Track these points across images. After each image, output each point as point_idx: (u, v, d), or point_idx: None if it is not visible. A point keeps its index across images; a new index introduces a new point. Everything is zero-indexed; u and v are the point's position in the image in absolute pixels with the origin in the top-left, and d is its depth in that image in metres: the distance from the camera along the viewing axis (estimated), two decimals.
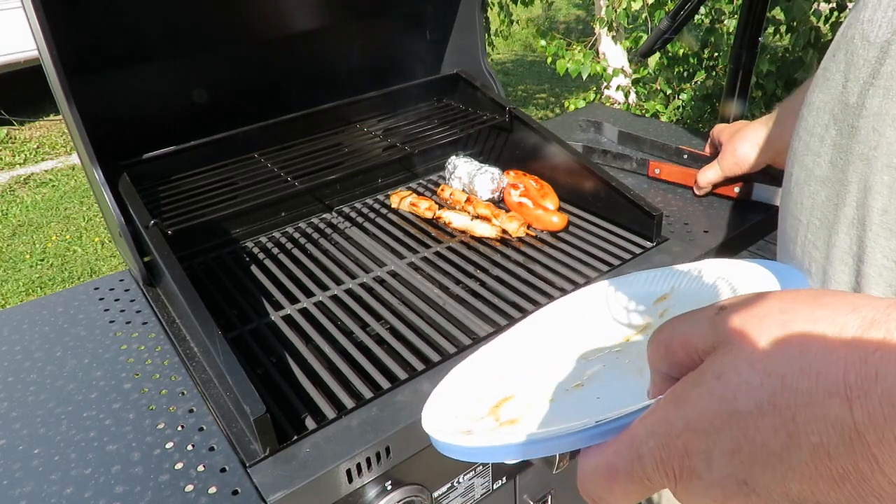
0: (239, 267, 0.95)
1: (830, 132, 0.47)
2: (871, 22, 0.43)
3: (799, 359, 0.25)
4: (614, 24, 3.32)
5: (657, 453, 0.28)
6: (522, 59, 6.43)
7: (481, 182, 1.06)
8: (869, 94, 0.43)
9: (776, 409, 0.24)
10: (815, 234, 0.50)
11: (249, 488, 0.59)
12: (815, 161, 0.49)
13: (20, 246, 3.51)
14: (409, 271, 0.91)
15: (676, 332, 0.29)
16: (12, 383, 0.75)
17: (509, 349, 0.56)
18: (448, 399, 0.51)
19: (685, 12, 1.20)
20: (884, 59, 0.42)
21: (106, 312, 0.87)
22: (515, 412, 0.44)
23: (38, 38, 0.74)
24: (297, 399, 0.69)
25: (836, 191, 0.47)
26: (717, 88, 3.00)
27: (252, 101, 1.05)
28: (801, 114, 0.53)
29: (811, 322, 0.25)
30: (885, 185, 0.42)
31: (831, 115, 0.47)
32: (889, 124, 0.42)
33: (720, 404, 0.26)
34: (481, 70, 1.18)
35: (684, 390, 0.28)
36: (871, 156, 0.43)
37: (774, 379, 0.25)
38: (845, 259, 0.47)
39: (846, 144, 0.45)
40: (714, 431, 0.26)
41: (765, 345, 0.26)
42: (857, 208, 0.45)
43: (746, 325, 0.27)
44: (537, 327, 0.58)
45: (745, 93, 1.35)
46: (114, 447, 0.65)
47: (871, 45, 0.43)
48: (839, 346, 0.24)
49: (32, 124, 5.02)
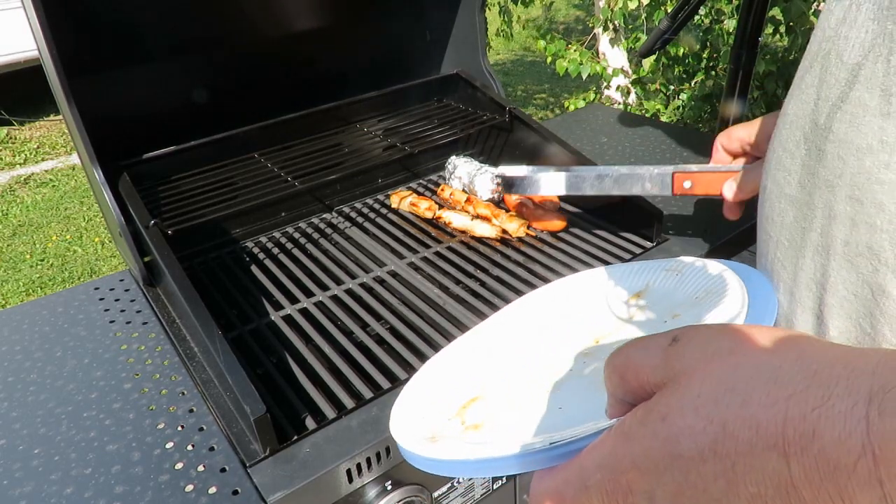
0: (239, 267, 0.95)
1: (801, 150, 0.46)
2: (846, 39, 0.41)
3: (741, 408, 0.25)
4: (610, 23, 3.32)
5: (603, 487, 0.28)
6: (522, 59, 6.43)
7: (481, 182, 1.06)
8: (836, 118, 0.41)
9: (717, 456, 0.25)
10: (784, 254, 0.49)
11: (249, 488, 0.59)
12: (786, 178, 0.48)
13: (20, 246, 3.51)
14: (409, 271, 0.91)
15: (630, 360, 0.30)
16: (12, 383, 0.75)
17: (483, 341, 0.56)
18: (419, 395, 0.51)
19: (685, 12, 1.20)
20: (853, 83, 0.40)
21: (106, 312, 0.87)
22: (481, 416, 0.45)
23: (38, 38, 0.74)
24: (297, 399, 0.69)
25: (804, 213, 0.46)
26: (716, 88, 3.00)
27: (252, 101, 1.05)
28: (778, 123, 0.51)
29: (757, 370, 0.25)
30: (847, 216, 0.41)
31: (802, 132, 0.46)
32: (853, 154, 0.40)
33: (664, 446, 0.26)
34: (481, 70, 1.18)
35: (632, 427, 0.28)
36: (836, 183, 0.42)
37: (717, 426, 0.25)
38: (810, 285, 0.46)
39: (813, 167, 0.44)
40: (658, 473, 0.27)
41: (710, 389, 0.26)
42: (822, 235, 0.44)
43: (695, 364, 0.27)
44: (511, 319, 0.58)
45: (745, 93, 1.35)
46: (114, 447, 0.65)
47: (843, 65, 0.41)
48: (781, 399, 0.24)
49: (32, 124, 5.02)
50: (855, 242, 0.41)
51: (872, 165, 0.39)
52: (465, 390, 0.49)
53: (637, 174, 0.79)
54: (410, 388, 0.53)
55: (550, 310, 0.57)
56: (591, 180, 0.82)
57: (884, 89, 0.38)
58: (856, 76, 0.40)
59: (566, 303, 0.57)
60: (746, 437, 0.24)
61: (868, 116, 0.39)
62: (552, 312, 0.57)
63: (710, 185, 0.76)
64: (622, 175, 0.80)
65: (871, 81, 0.38)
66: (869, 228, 0.40)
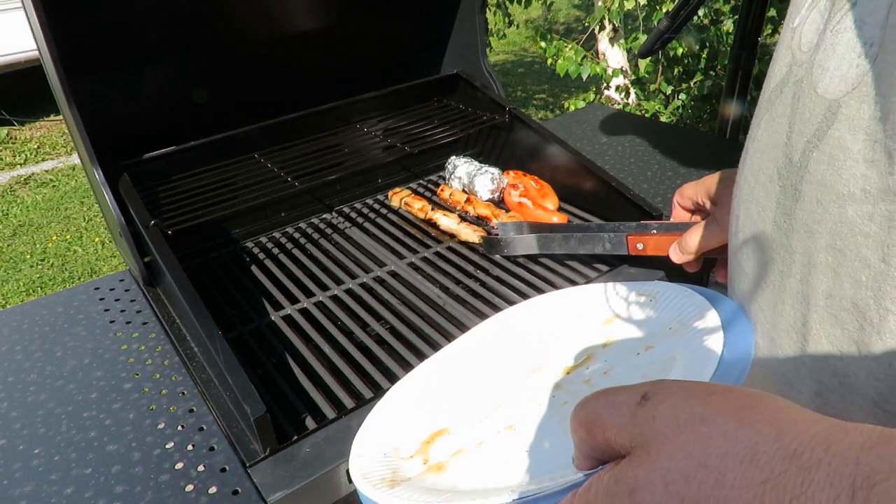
0: (239, 267, 0.95)
1: (774, 186, 0.41)
2: (823, 69, 0.37)
3: (714, 488, 0.24)
4: (609, 23, 3.32)
5: None
6: (522, 59, 6.44)
7: (481, 182, 1.06)
8: (813, 158, 0.37)
9: None
10: (762, 296, 0.44)
11: (249, 488, 0.59)
12: (760, 214, 0.44)
13: (20, 246, 3.51)
14: (409, 271, 0.91)
15: (598, 416, 0.29)
16: (12, 383, 0.75)
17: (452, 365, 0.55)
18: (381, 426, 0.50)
19: (685, 13, 1.20)
20: (832, 121, 0.36)
21: (106, 312, 0.87)
22: (444, 455, 0.43)
23: (38, 38, 0.74)
24: (297, 399, 0.69)
25: (781, 257, 0.41)
26: (716, 89, 3.00)
27: (252, 101, 1.05)
28: (746, 146, 0.47)
29: (732, 446, 0.24)
30: (829, 266, 0.37)
31: (775, 165, 0.41)
32: (833, 200, 0.36)
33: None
34: (481, 70, 1.18)
35: (598, 496, 0.27)
36: (815, 230, 0.38)
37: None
38: (791, 333, 0.42)
39: (790, 207, 0.40)
40: None
41: (681, 464, 0.25)
42: (802, 283, 0.40)
43: (666, 432, 0.26)
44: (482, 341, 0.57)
45: (745, 93, 1.35)
46: (114, 447, 0.65)
47: (818, 98, 0.37)
48: (757, 483, 0.23)
49: (32, 124, 5.02)
50: (839, 297, 0.37)
51: (855, 216, 0.35)
52: (431, 421, 0.48)
53: (598, 236, 0.86)
54: (374, 416, 0.52)
55: (523, 332, 0.56)
56: (559, 240, 0.88)
57: (869, 134, 0.33)
58: (835, 114, 0.35)
59: (540, 325, 0.56)
60: None
61: (849, 161, 0.35)
62: (524, 335, 0.56)
63: (659, 247, 0.80)
64: (585, 236, 0.87)
65: (855, 123, 0.34)
66: (853, 283, 0.36)
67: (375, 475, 0.43)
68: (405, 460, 0.44)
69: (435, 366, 0.55)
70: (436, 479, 0.41)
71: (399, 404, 0.52)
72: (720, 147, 1.25)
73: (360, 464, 0.45)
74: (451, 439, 0.45)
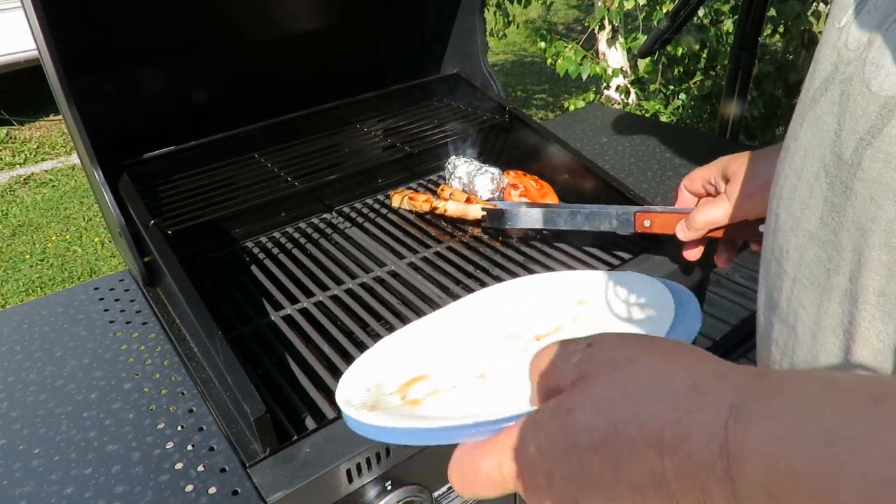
0: (239, 267, 0.95)
1: (821, 183, 0.42)
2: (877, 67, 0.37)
3: (632, 409, 0.29)
4: (607, 23, 3.32)
5: (513, 466, 0.33)
6: (522, 59, 6.44)
7: (481, 182, 1.06)
8: (867, 156, 0.37)
9: (607, 449, 0.29)
10: (804, 293, 0.44)
11: (249, 488, 0.59)
12: (804, 211, 0.44)
13: (20, 246, 3.51)
14: (409, 271, 0.91)
15: (551, 361, 0.34)
16: (12, 383, 0.75)
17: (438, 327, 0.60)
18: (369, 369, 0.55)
19: (685, 13, 1.20)
20: (889, 119, 0.36)
21: (106, 312, 0.87)
22: (420, 394, 0.49)
23: (38, 38, 0.74)
24: (297, 399, 0.69)
25: (828, 254, 0.41)
26: (716, 88, 3.00)
27: (252, 101, 1.05)
28: (787, 145, 0.47)
29: (651, 379, 0.30)
30: (882, 264, 0.37)
31: (822, 163, 0.41)
32: (890, 198, 0.36)
33: (565, 436, 0.31)
34: (481, 70, 1.18)
35: (543, 416, 0.32)
36: (868, 228, 0.38)
37: (610, 424, 0.29)
38: (836, 331, 0.42)
39: (839, 205, 0.40)
40: (557, 458, 0.31)
41: (610, 392, 0.30)
42: (851, 281, 0.39)
43: (602, 368, 0.32)
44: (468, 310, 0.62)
45: (745, 93, 1.35)
46: (114, 447, 0.65)
47: (872, 96, 0.37)
48: (663, 405, 0.28)
49: (32, 124, 5.02)
50: (892, 294, 0.37)
51: None
52: (412, 369, 0.53)
53: (605, 212, 0.87)
54: (362, 361, 0.57)
55: (504, 305, 0.61)
56: (566, 216, 0.89)
57: None
58: (892, 111, 0.36)
59: (519, 300, 0.61)
60: (631, 435, 0.28)
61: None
62: (505, 308, 0.61)
63: (667, 225, 0.82)
64: (592, 212, 0.87)
65: None
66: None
67: (358, 402, 0.48)
68: (385, 396, 0.49)
69: (421, 326, 0.60)
70: (411, 411, 0.46)
71: (384, 353, 0.57)
72: (720, 147, 1.24)
73: (346, 393, 0.51)
74: (428, 384, 0.50)
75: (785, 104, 2.87)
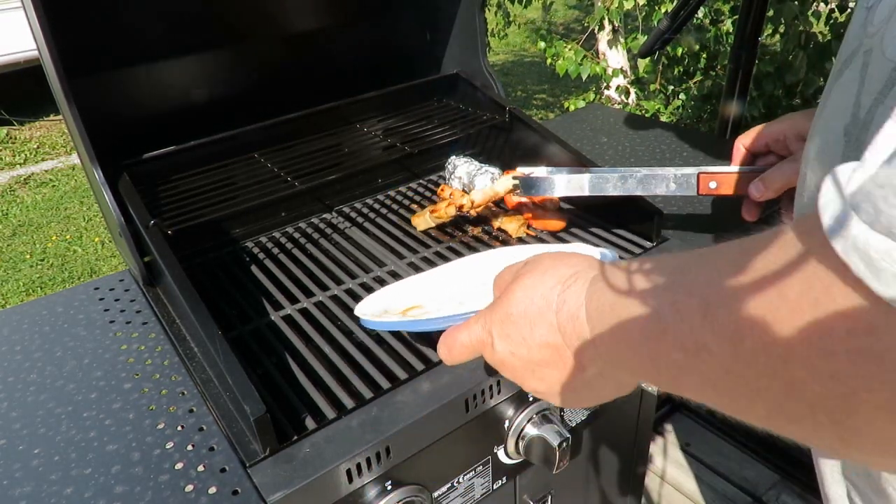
0: (239, 267, 0.95)
1: (841, 143, 0.45)
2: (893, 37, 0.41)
3: (541, 287, 0.47)
4: (607, 23, 3.32)
5: (477, 334, 0.52)
6: (522, 59, 6.44)
7: (481, 182, 1.06)
8: (878, 112, 0.41)
9: (526, 315, 0.48)
10: None
11: (249, 488, 0.59)
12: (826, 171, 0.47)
13: (20, 246, 3.52)
14: (410, 271, 0.91)
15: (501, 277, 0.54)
16: (12, 383, 0.75)
17: (436, 276, 0.80)
18: (381, 298, 0.78)
19: (685, 13, 1.20)
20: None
21: (106, 312, 0.87)
22: (416, 313, 0.74)
23: (38, 38, 0.74)
24: (297, 399, 0.69)
25: None
26: (716, 88, 3.00)
27: (252, 101, 1.05)
28: (817, 114, 0.51)
29: (554, 270, 0.48)
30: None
31: (843, 124, 0.45)
32: None
33: (504, 309, 0.49)
34: (481, 70, 1.18)
35: (495, 303, 0.51)
36: None
37: (528, 299, 0.48)
38: None
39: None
40: (497, 325, 0.50)
41: (529, 281, 0.48)
42: None
43: (529, 268, 0.50)
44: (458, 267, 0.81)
45: (745, 92, 1.35)
46: (114, 447, 0.65)
47: (886, 61, 0.41)
48: (556, 285, 0.46)
49: (32, 124, 5.03)
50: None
51: None
52: (410, 300, 0.77)
53: (661, 175, 0.80)
54: (379, 293, 0.79)
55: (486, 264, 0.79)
56: (615, 181, 0.82)
57: None
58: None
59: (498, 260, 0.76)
60: (540, 304, 0.47)
61: None
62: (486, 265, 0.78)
63: (736, 186, 0.78)
64: (646, 176, 0.81)
65: None
66: None
67: (370, 313, 0.74)
68: (390, 314, 0.74)
69: (420, 277, 0.81)
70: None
71: (391, 292, 0.79)
72: (720, 147, 1.24)
73: (362, 308, 0.75)
74: (422, 311, 0.74)
75: (785, 104, 2.87)
